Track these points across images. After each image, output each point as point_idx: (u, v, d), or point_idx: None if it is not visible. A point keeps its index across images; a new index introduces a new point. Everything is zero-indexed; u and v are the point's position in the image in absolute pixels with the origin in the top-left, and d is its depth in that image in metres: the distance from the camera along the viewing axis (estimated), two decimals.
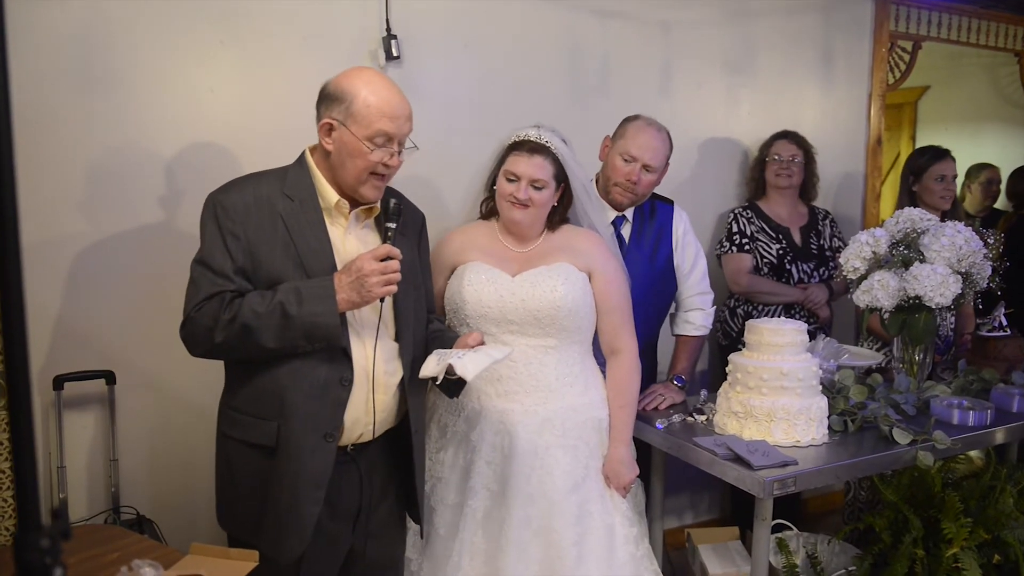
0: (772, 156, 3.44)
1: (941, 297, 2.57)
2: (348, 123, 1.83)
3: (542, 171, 2.24)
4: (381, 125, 1.83)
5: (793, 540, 2.74)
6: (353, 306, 1.83)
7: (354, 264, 1.81)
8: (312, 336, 1.80)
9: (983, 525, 2.45)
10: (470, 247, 2.36)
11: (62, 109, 2.42)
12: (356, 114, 1.82)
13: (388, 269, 1.80)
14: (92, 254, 2.50)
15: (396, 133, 1.86)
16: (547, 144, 2.25)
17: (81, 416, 2.53)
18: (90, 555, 1.88)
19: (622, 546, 2.25)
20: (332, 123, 1.85)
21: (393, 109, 1.85)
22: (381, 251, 1.81)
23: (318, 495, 1.87)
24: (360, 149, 1.83)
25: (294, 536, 1.87)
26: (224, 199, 1.87)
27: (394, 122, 1.85)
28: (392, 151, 1.87)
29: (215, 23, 2.60)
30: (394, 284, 1.83)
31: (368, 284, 1.79)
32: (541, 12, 3.14)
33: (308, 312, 1.78)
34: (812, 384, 2.37)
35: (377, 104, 1.83)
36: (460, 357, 1.87)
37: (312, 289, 1.80)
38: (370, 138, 1.83)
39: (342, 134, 1.84)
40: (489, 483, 2.25)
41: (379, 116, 1.82)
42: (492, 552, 2.19)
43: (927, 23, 4.13)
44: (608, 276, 2.34)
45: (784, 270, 3.36)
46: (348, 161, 1.86)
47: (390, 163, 1.88)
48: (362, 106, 1.82)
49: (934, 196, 3.45)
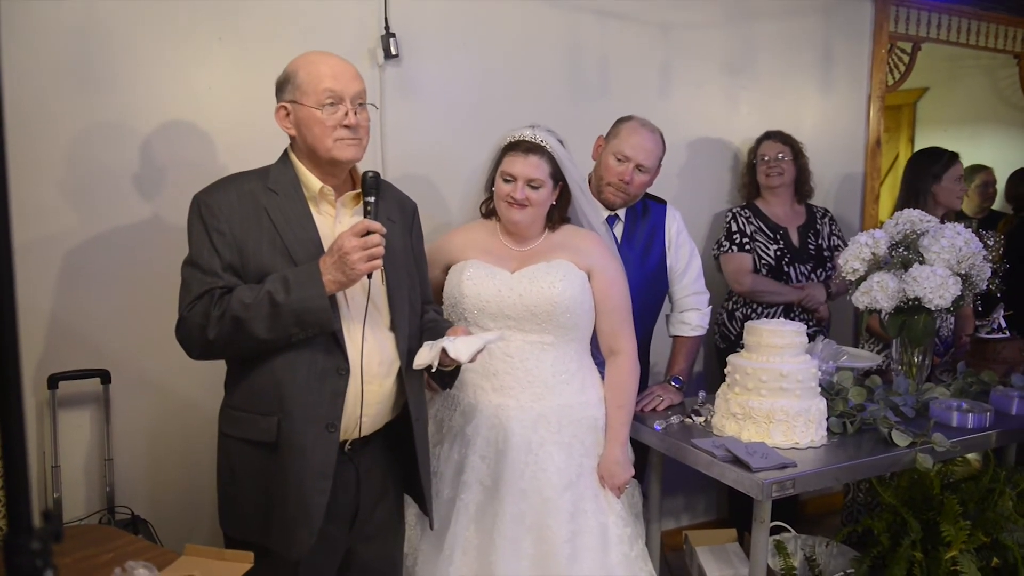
0: (760, 157, 3.44)
1: (940, 299, 2.57)
2: (298, 99, 1.87)
3: (538, 171, 2.23)
4: (325, 84, 1.85)
5: (791, 542, 2.73)
6: (341, 286, 1.81)
7: (335, 244, 1.79)
8: (303, 321, 1.79)
9: (982, 528, 2.44)
10: (471, 246, 2.36)
11: (57, 105, 2.40)
12: (301, 86, 1.87)
13: (369, 244, 1.78)
14: (87, 252, 2.48)
15: (343, 90, 1.87)
16: (542, 144, 2.25)
17: (76, 415, 2.52)
18: (84, 556, 1.86)
19: (616, 546, 2.25)
20: (286, 106, 1.90)
21: (333, 69, 1.88)
22: (360, 227, 1.79)
23: (324, 485, 1.86)
24: (314, 116, 1.86)
25: (303, 529, 1.85)
26: (208, 198, 1.87)
27: (337, 80, 1.87)
28: (347, 108, 1.88)
29: (213, 20, 2.59)
30: (378, 259, 1.81)
31: (351, 261, 1.76)
32: (541, 12, 3.13)
33: (297, 298, 1.77)
34: (811, 386, 2.36)
35: (316, 69, 1.87)
36: (452, 341, 1.87)
37: (299, 275, 1.79)
38: (319, 103, 1.85)
39: (296, 111, 1.88)
40: (482, 477, 2.24)
41: (320, 79, 1.86)
42: (485, 547, 2.19)
43: (926, 24, 4.13)
44: (608, 276, 2.34)
45: (782, 271, 3.35)
46: (309, 133, 1.88)
47: (349, 122, 1.87)
48: (304, 76, 1.87)
49: (951, 196, 3.45)
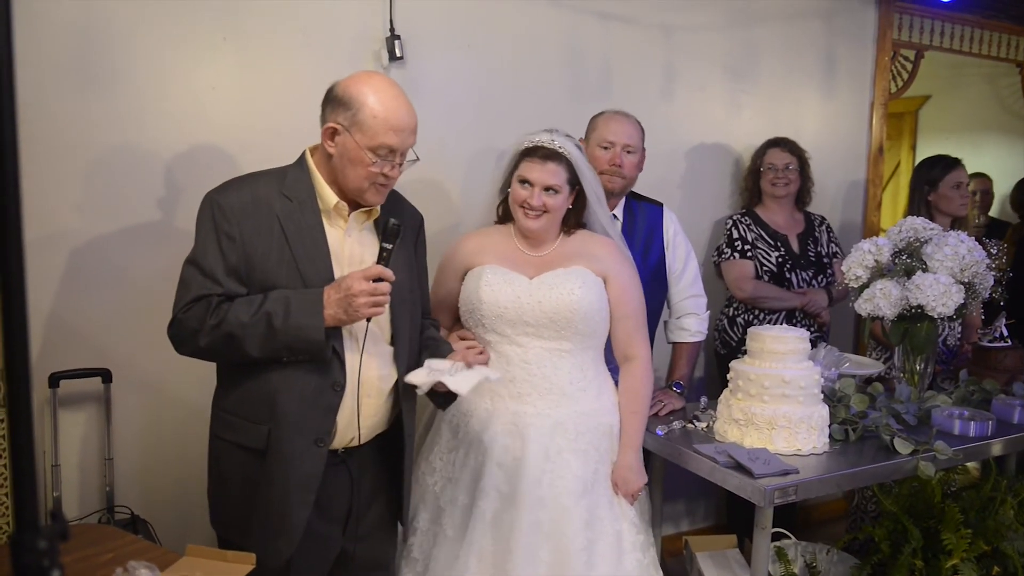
0: (767, 165, 3.41)
1: (943, 307, 2.56)
2: (352, 130, 1.81)
3: (556, 177, 2.23)
4: (386, 139, 1.80)
5: (791, 549, 2.72)
6: (339, 323, 1.81)
7: (344, 282, 1.78)
8: (295, 349, 1.79)
9: (983, 536, 2.44)
10: (486, 251, 2.35)
11: (61, 106, 2.40)
12: (362, 123, 1.80)
13: (378, 291, 1.78)
14: (90, 252, 2.48)
15: (400, 147, 1.83)
16: (560, 150, 2.25)
17: (76, 414, 2.51)
18: (84, 555, 1.85)
19: (630, 553, 2.24)
20: (337, 127, 1.83)
21: (400, 122, 1.82)
22: (373, 272, 1.78)
23: (308, 498, 1.86)
24: (362, 158, 1.81)
25: (283, 539, 1.86)
26: (222, 199, 1.85)
27: (399, 135, 1.82)
28: (394, 163, 1.85)
29: (218, 20, 2.58)
30: (382, 306, 1.81)
31: (356, 304, 1.76)
32: (544, 14, 3.13)
33: (294, 325, 1.76)
34: (814, 392, 2.36)
35: (384, 116, 1.80)
36: (452, 375, 1.87)
37: (301, 302, 1.78)
38: (373, 149, 1.81)
39: (345, 140, 1.82)
40: (500, 485, 2.22)
41: (385, 129, 1.80)
42: (501, 555, 2.17)
43: (930, 32, 4.13)
44: (623, 282, 2.34)
45: (784, 278, 3.34)
46: (349, 168, 1.84)
47: (390, 174, 1.86)
48: (368, 116, 1.79)
49: (952, 204, 3.43)
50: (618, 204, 2.80)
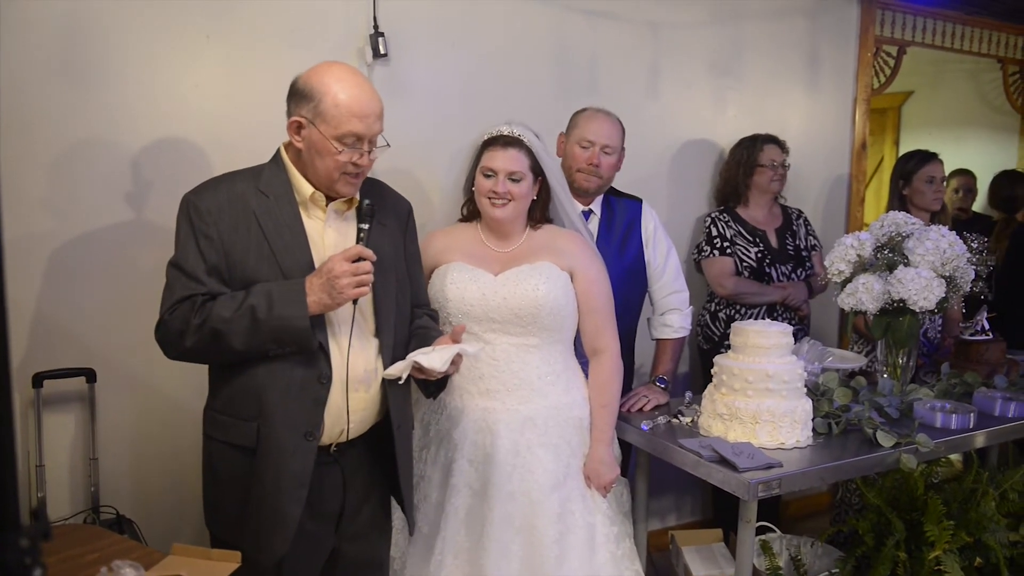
0: (766, 162, 3.39)
1: (925, 301, 2.59)
2: (317, 122, 1.80)
3: (518, 163, 2.24)
4: (350, 126, 1.80)
5: (776, 542, 2.74)
6: (325, 308, 1.81)
7: (325, 266, 1.79)
8: (281, 340, 1.79)
9: (965, 528, 2.46)
10: (453, 248, 2.35)
11: (44, 103, 2.38)
12: (325, 113, 1.79)
13: (360, 270, 1.78)
14: (72, 250, 2.47)
15: (366, 133, 1.83)
16: (520, 137, 2.26)
17: (61, 414, 2.50)
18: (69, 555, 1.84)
19: (603, 545, 2.26)
20: (301, 121, 1.83)
21: (363, 108, 1.81)
22: (352, 252, 1.78)
23: (300, 494, 1.86)
24: (329, 148, 1.81)
25: (277, 536, 1.86)
26: (198, 200, 1.85)
27: (363, 122, 1.82)
28: (362, 151, 1.84)
29: (202, 17, 2.57)
30: (366, 286, 1.81)
31: (339, 286, 1.76)
32: (529, 11, 3.14)
33: (278, 315, 1.76)
34: (797, 386, 2.38)
35: (347, 103, 1.79)
36: (426, 354, 1.87)
37: (283, 292, 1.78)
38: (339, 138, 1.80)
39: (311, 132, 1.82)
40: (471, 481, 2.24)
41: (348, 116, 1.79)
42: (475, 550, 2.19)
43: (912, 28, 4.16)
44: (590, 276, 2.34)
45: (764, 273, 3.36)
46: (317, 160, 1.84)
47: (360, 162, 1.85)
48: (331, 105, 1.79)
49: (925, 198, 3.47)
50: (596, 199, 2.81)
